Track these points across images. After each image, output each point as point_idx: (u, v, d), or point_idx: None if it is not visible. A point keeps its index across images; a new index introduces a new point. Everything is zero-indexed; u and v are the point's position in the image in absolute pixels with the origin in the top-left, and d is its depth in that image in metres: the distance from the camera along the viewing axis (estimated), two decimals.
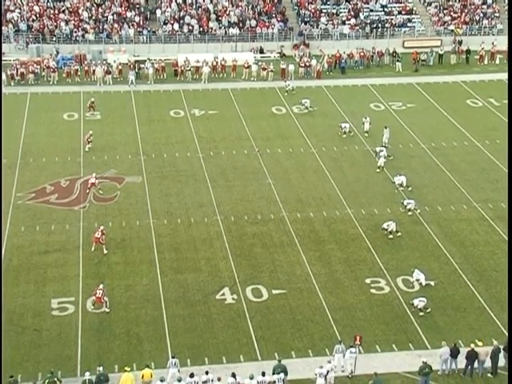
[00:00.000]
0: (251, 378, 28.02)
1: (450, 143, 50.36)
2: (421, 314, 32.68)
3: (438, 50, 67.32)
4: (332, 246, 38.25)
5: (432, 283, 34.85)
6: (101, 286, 33.07)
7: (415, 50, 66.70)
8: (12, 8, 67.73)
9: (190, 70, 61.78)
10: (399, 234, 38.91)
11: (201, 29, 68.90)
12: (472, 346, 29.63)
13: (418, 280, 34.84)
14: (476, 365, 29.49)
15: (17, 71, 59.33)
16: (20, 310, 32.68)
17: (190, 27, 68.82)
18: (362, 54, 65.80)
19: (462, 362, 29.56)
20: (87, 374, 27.90)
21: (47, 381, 27.54)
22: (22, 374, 28.54)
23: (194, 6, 71.33)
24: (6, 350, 30.05)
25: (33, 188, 43.11)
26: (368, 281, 35.33)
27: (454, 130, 52.76)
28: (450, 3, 74.98)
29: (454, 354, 29.64)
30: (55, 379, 27.67)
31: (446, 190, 44.00)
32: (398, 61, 64.85)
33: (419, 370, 28.70)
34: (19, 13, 67.25)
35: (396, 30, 71.66)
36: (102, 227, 37.56)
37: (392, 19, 72.39)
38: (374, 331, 31.87)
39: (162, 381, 27.68)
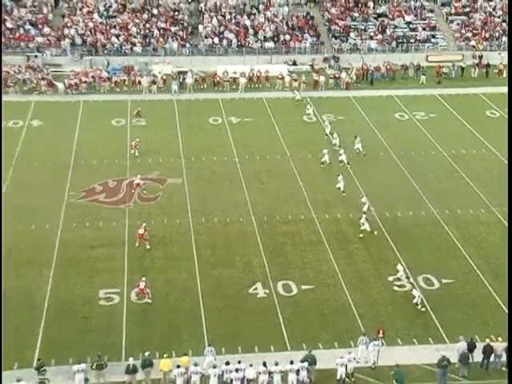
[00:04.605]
0: (276, 364, 28.00)
1: (469, 151, 49.82)
2: (418, 307, 32.63)
3: (460, 64, 66.69)
4: (357, 245, 38.03)
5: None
6: (143, 279, 33.25)
7: (438, 63, 66.11)
8: (69, 24, 68.41)
9: (228, 80, 61.89)
10: (375, 232, 38.79)
11: (239, 43, 68.99)
12: (487, 340, 29.30)
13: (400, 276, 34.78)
14: (492, 359, 29.17)
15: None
16: (71, 299, 32.98)
17: (229, 41, 68.94)
18: (388, 67, 65.44)
19: (477, 355, 29.22)
20: (131, 359, 28.06)
21: (95, 364, 27.85)
22: (72, 358, 28.78)
23: (233, 22, 71.46)
24: (58, 335, 30.46)
25: (84, 188, 43.42)
26: (391, 278, 35.04)
27: (474, 138, 52.18)
28: (472, 20, 74.24)
29: (471, 348, 29.33)
30: (102, 363, 27.96)
31: (465, 195, 43.54)
32: (423, 74, 64.28)
33: (438, 363, 28.45)
34: (75, 29, 67.86)
35: (420, 45, 70.99)
36: (144, 224, 37.75)
37: (416, 35, 71.82)
38: (395, 326, 31.64)
39: (178, 367, 27.76)
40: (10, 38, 65.68)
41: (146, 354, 28.38)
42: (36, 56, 64.30)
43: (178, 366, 27.80)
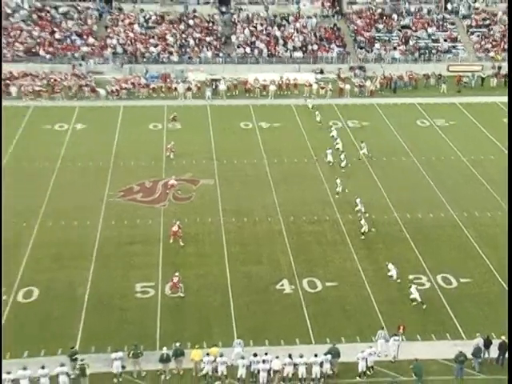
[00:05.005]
0: (301, 356, 27.98)
1: (487, 156, 49.24)
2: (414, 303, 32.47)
3: (480, 74, 66.06)
4: (379, 245, 37.77)
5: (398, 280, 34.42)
6: (176, 274, 33.37)
7: (458, 73, 65.51)
8: (112, 35, 68.97)
9: (258, 87, 61.89)
10: (372, 229, 38.67)
11: (269, 52, 68.95)
12: (503, 337, 28.92)
13: (391, 276, 34.50)
14: (507, 355, 28.78)
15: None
16: (109, 291, 33.20)
17: (260, 50, 68.94)
18: (410, 76, 65.01)
19: (494, 352, 28.92)
20: (164, 348, 28.31)
21: (132, 352, 28.10)
22: (111, 346, 29.05)
23: (264, 32, 71.46)
24: (98, 325, 30.71)
25: (122, 187, 43.64)
26: (411, 277, 34.73)
27: (492, 144, 51.56)
28: (491, 33, 73.40)
29: (487, 344, 29.01)
30: (138, 351, 28.17)
31: (482, 198, 43.04)
32: (444, 83, 63.75)
33: (455, 358, 28.26)
34: (117, 39, 68.40)
35: (441, 55, 70.33)
36: (178, 222, 37.83)
37: (438, 46, 71.19)
38: (415, 322, 31.37)
39: (207, 355, 27.90)
40: (58, 48, 66.43)
41: (177, 344, 28.50)
42: (81, 64, 64.90)
43: (208, 354, 27.96)
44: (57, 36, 67.87)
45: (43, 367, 27.20)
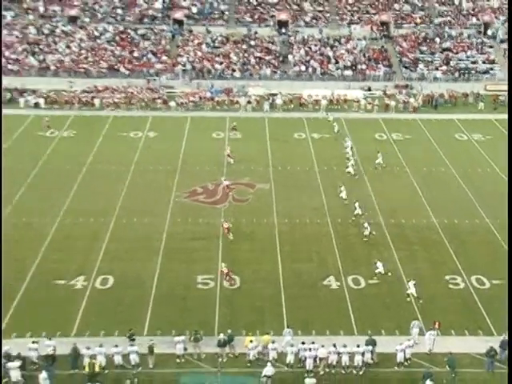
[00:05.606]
0: (344, 346, 27.84)
1: None
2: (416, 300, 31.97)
3: None
4: (418, 247, 37.18)
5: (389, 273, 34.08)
6: (223, 265, 33.61)
7: (495, 92, 63.99)
8: (182, 54, 69.80)
9: (311, 102, 61.67)
10: (373, 233, 37.94)
11: (322, 70, 68.64)
12: None
13: (378, 271, 34.05)
14: None
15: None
16: (174, 282, 33.54)
17: (314, 69, 68.68)
18: (450, 94, 63.81)
19: None
20: (221, 334, 28.50)
21: (193, 337, 28.42)
22: (174, 331, 29.34)
23: (318, 52, 71.20)
24: (164, 311, 31.08)
25: (187, 189, 44.00)
26: (447, 277, 34.15)
27: None
28: None
29: None
30: (198, 336, 28.45)
31: None
32: (481, 101, 62.36)
33: (486, 353, 27.76)
34: (187, 57, 69.22)
35: (480, 75, 68.77)
36: (222, 220, 38.22)
37: (476, 67, 69.68)
38: (450, 318, 30.77)
39: (251, 341, 27.92)
40: (136, 65, 67.62)
41: (229, 331, 28.67)
42: (155, 79, 65.86)
43: (251, 341, 28.02)
44: (135, 54, 69.07)
45: (116, 346, 27.80)
